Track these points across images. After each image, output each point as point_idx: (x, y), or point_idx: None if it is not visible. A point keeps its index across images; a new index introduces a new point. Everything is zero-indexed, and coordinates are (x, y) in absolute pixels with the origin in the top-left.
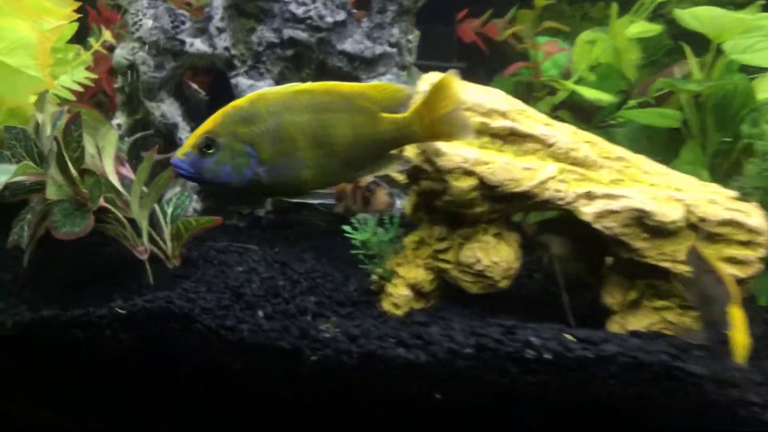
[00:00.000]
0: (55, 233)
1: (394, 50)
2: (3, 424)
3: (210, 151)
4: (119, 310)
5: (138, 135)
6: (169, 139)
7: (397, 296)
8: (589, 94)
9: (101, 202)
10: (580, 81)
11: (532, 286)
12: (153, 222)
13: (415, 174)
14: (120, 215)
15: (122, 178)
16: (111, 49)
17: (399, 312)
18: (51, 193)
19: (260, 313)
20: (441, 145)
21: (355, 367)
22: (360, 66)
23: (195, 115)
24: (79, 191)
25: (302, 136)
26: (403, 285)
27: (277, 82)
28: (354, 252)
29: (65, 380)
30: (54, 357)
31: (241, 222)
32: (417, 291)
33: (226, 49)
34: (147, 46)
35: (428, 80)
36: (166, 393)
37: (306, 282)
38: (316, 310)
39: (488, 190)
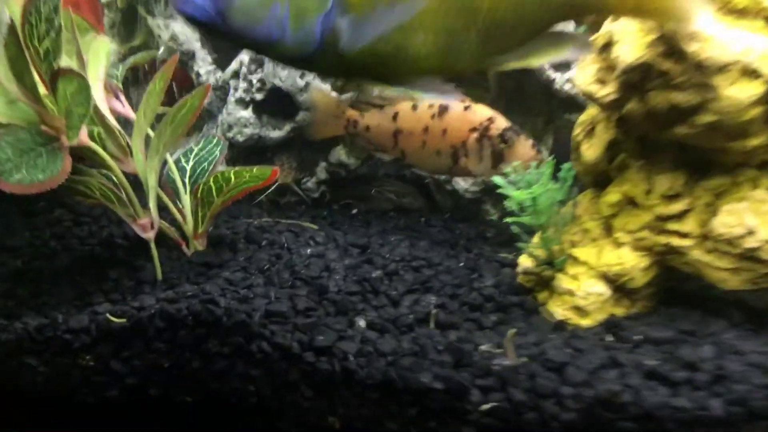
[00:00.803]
0: (1, 183)
1: None
2: None
3: None
4: (112, 319)
5: (139, 55)
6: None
7: (584, 295)
8: None
9: (83, 137)
10: None
11: None
12: (162, 183)
13: (627, 81)
14: (114, 166)
15: (115, 114)
16: None
17: (588, 321)
18: None
19: (361, 323)
20: (696, 27)
21: (570, 425)
22: None
23: (219, 44)
24: (47, 114)
25: None
26: (593, 276)
27: None
28: (486, 228)
29: None
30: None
31: (282, 196)
32: (618, 287)
33: None
34: None
35: None
36: None
37: (408, 273)
38: (444, 317)
39: None
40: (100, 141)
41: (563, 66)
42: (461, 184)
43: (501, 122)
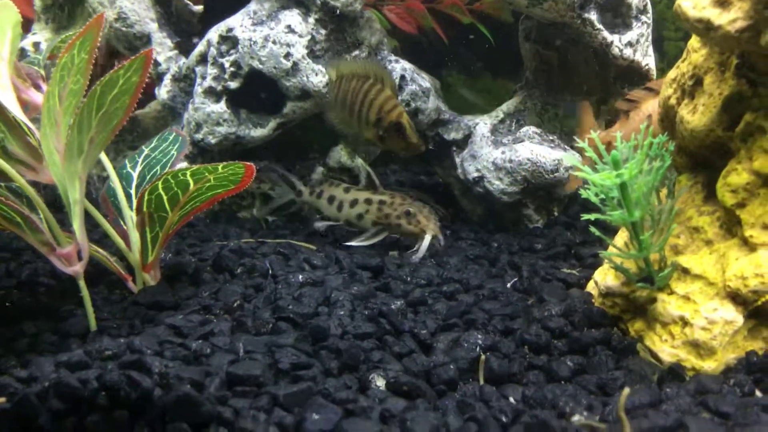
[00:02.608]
0: None
1: None
2: None
3: None
4: None
5: (69, 34)
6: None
7: (705, 324)
8: None
9: None
10: None
11: None
12: (102, 197)
13: None
14: (17, 176)
15: (29, 107)
16: None
17: (713, 363)
18: None
19: (378, 383)
20: None
21: None
22: None
23: (180, 28)
24: None
25: None
26: (715, 295)
27: None
28: (533, 238)
29: None
30: None
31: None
32: (757, 310)
33: None
34: None
35: None
36: None
37: (439, 302)
38: (498, 365)
39: None
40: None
41: (621, 25)
42: (496, 183)
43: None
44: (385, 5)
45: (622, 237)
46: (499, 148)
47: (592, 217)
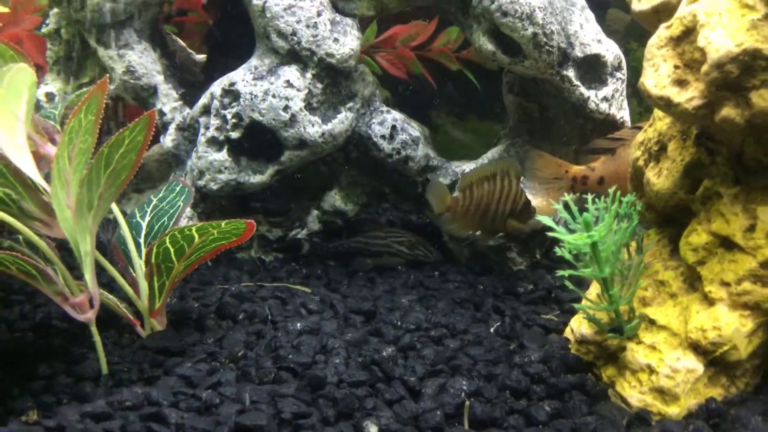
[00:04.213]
0: None
1: None
2: None
3: None
4: None
5: (84, 90)
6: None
7: (669, 372)
8: None
9: None
10: None
11: None
12: (113, 245)
13: (721, 79)
14: (29, 233)
15: (46, 161)
16: None
17: (677, 409)
18: None
19: (371, 429)
20: None
21: None
22: None
23: (183, 78)
24: None
25: None
26: (678, 345)
27: (333, 3)
28: (516, 282)
29: None
30: None
31: (269, 252)
32: (716, 360)
33: None
34: None
35: None
36: None
37: (428, 348)
38: (481, 410)
39: None
40: (13, 203)
41: (597, 81)
42: None
43: None
44: (377, 53)
45: (595, 288)
46: None
47: (566, 273)
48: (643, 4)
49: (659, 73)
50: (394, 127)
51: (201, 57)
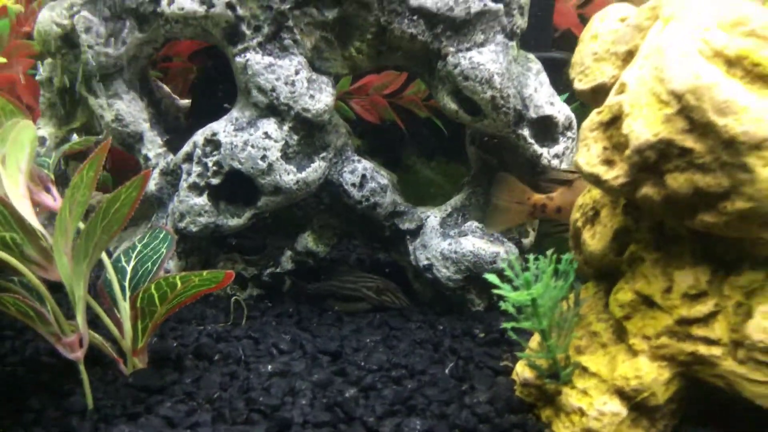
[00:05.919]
0: None
1: (500, 6)
2: None
3: None
4: None
5: (75, 141)
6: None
7: (597, 415)
8: None
9: None
10: None
11: None
12: (99, 287)
13: (641, 162)
14: (31, 276)
15: (40, 208)
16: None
17: None
18: None
19: None
20: (726, 97)
21: None
22: (445, 32)
23: (168, 123)
24: None
25: None
26: (606, 391)
27: (310, 62)
28: (473, 324)
29: None
30: None
31: (243, 290)
32: (637, 405)
33: (230, 5)
34: (96, 2)
35: None
36: None
37: (387, 388)
38: None
39: None
40: (16, 247)
41: (550, 140)
42: (443, 271)
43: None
44: (352, 99)
45: (536, 337)
46: (446, 240)
47: (509, 325)
48: (583, 84)
49: (590, 153)
50: (364, 176)
51: (185, 102)
